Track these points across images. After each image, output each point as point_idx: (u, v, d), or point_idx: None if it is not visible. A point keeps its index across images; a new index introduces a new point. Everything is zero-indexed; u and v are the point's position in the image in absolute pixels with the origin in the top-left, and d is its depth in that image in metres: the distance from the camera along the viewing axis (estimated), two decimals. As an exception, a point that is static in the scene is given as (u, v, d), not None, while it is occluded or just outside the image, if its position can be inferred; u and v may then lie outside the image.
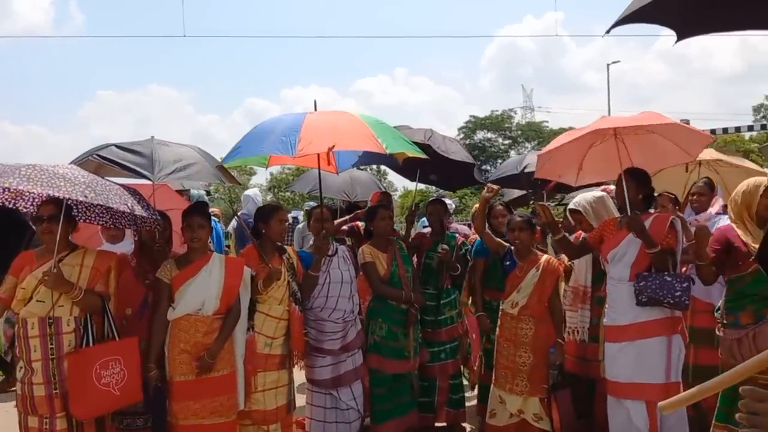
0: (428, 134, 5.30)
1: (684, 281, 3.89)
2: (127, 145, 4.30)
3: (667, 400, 1.47)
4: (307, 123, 3.92)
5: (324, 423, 4.39)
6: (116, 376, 3.37)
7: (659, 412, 3.93)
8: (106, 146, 4.26)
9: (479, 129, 42.38)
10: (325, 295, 4.36)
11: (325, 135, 3.85)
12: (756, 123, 22.27)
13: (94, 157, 4.08)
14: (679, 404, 1.45)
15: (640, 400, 3.97)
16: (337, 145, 3.82)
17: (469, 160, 5.60)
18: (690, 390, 1.44)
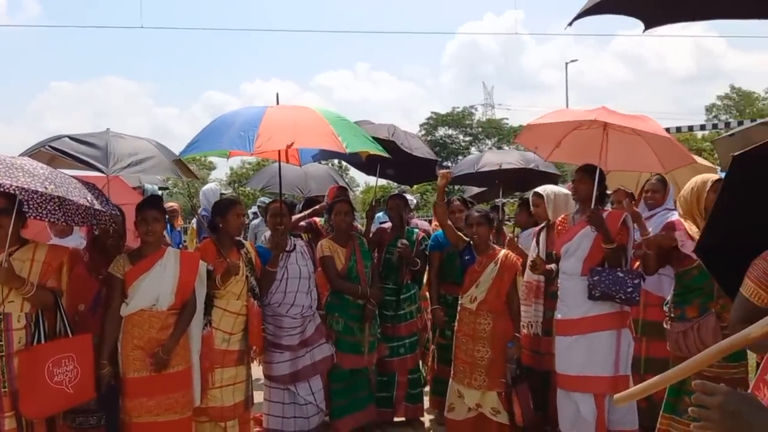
0: (391, 130, 5.30)
1: (636, 277, 3.98)
2: (82, 136, 4.17)
3: (621, 394, 1.51)
4: (267, 118, 3.86)
5: (282, 419, 4.36)
6: (69, 374, 3.28)
7: (608, 404, 4.06)
8: (59, 137, 4.14)
9: (440, 125, 42.62)
10: (283, 291, 4.33)
11: (284, 131, 3.80)
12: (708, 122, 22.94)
13: (46, 148, 3.94)
14: (631, 397, 1.49)
15: (588, 393, 4.07)
16: (296, 142, 3.79)
17: (432, 156, 5.63)
18: (642, 384, 1.47)
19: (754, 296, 2.00)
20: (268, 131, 3.75)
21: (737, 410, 1.21)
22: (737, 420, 1.21)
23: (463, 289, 4.57)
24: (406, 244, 4.86)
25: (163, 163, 4.10)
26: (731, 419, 1.21)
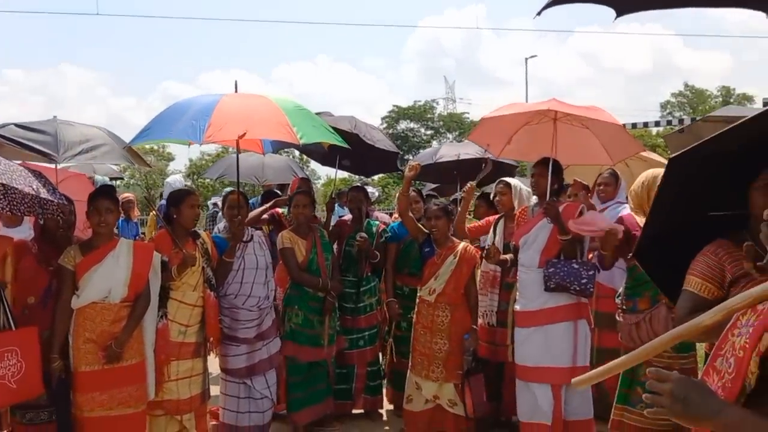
0: (353, 122, 5.28)
1: (590, 269, 4.06)
2: (30, 124, 4.05)
3: (579, 377, 1.56)
4: (220, 107, 3.77)
5: (237, 413, 4.31)
6: (12, 368, 3.16)
7: (564, 393, 4.14)
8: (4, 125, 4.01)
9: (402, 119, 42.70)
10: (239, 282, 4.28)
11: (236, 121, 3.72)
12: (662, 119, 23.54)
13: None
14: (590, 380, 1.55)
15: (546, 384, 4.14)
16: (248, 133, 3.71)
17: (394, 149, 5.64)
18: (600, 368, 1.52)
19: (703, 290, 2.09)
20: (220, 121, 3.67)
21: (687, 396, 1.27)
22: (686, 405, 1.26)
23: (422, 281, 4.58)
24: (365, 238, 4.85)
25: (115, 150, 4.00)
26: (681, 404, 1.27)
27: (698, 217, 2.20)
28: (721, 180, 2.13)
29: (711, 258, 2.11)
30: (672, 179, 2.21)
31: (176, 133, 3.78)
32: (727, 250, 2.10)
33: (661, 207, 2.28)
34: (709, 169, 2.14)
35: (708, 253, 2.12)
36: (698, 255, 2.13)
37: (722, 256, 2.09)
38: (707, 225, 2.17)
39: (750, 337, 1.28)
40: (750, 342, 1.28)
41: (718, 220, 2.16)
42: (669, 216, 2.26)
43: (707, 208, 2.19)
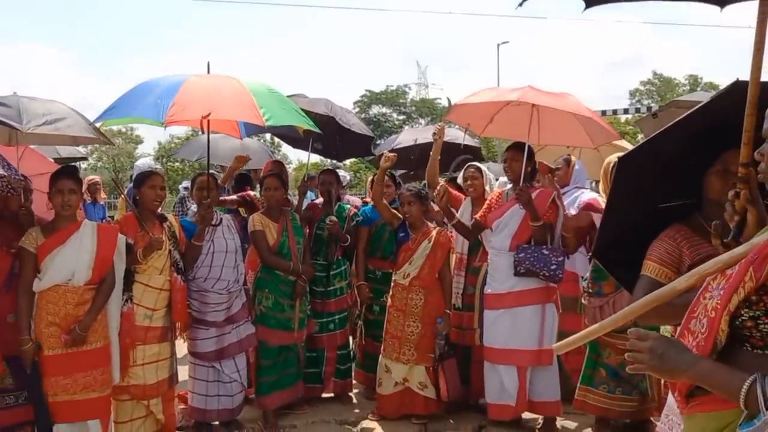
0: (329, 105, 5.22)
1: (560, 255, 4.12)
2: None
3: (560, 343, 1.64)
4: (186, 86, 3.69)
5: (206, 397, 4.28)
6: None
7: (530, 374, 4.20)
8: None
9: (374, 104, 42.56)
10: (208, 265, 4.22)
11: (201, 102, 3.64)
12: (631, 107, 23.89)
13: None
14: (569, 345, 1.63)
15: (512, 366, 4.19)
16: (213, 114, 3.65)
17: (369, 133, 5.62)
18: (580, 332, 1.62)
19: (660, 275, 2.13)
20: (184, 100, 3.60)
21: (664, 351, 1.39)
22: (664, 359, 1.39)
23: (397, 265, 4.60)
24: (335, 221, 4.83)
25: (79, 123, 3.87)
26: (659, 358, 1.39)
27: (651, 210, 2.23)
28: (668, 173, 2.17)
29: (669, 243, 2.14)
30: (623, 179, 2.26)
31: (140, 111, 3.70)
32: (685, 235, 2.13)
33: (615, 206, 2.33)
34: (658, 164, 2.19)
35: (665, 239, 2.15)
36: (655, 241, 2.17)
37: (680, 241, 2.12)
38: (660, 218, 2.21)
39: (721, 299, 1.38)
40: (721, 303, 1.38)
41: (669, 212, 2.20)
42: (624, 214, 2.30)
43: (658, 201, 2.23)
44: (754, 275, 1.31)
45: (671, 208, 2.19)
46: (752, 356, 1.37)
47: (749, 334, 1.37)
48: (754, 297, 1.33)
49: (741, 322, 1.37)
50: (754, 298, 1.33)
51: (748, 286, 1.32)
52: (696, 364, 1.36)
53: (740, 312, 1.36)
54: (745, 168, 1.73)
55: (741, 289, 1.34)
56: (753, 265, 1.32)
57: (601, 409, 4.12)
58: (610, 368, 4.05)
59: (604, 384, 4.07)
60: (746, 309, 1.35)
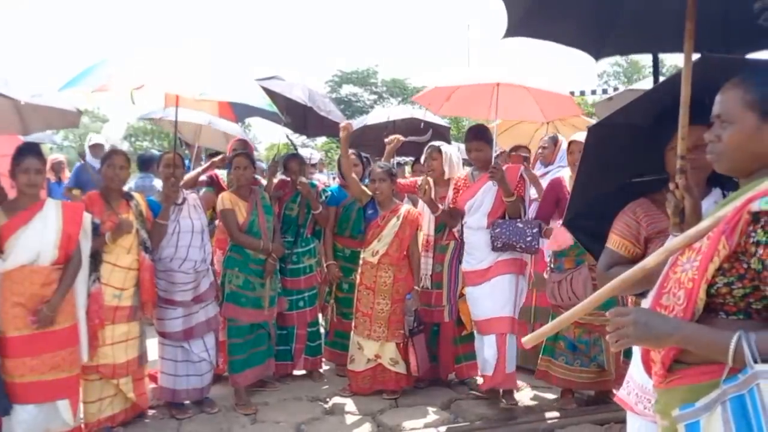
0: (306, 92, 5.14)
1: (534, 227, 4.20)
2: None
3: (529, 336, 1.69)
4: (128, 59, 3.73)
5: (175, 377, 4.28)
6: None
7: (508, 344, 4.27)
8: None
9: (345, 83, 42.22)
10: (174, 245, 4.20)
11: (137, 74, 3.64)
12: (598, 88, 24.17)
13: None
14: (540, 337, 1.70)
15: (492, 335, 4.27)
16: (144, 87, 3.62)
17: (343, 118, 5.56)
18: (549, 324, 1.69)
19: (620, 248, 2.22)
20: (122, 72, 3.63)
21: (648, 321, 1.46)
22: (649, 327, 1.45)
23: (365, 243, 4.63)
24: (305, 182, 4.83)
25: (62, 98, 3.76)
26: (644, 327, 1.45)
27: (625, 184, 2.30)
28: (640, 147, 2.23)
29: (629, 217, 2.23)
30: (593, 150, 2.32)
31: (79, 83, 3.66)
32: (645, 209, 2.21)
33: (586, 175, 2.39)
34: (630, 137, 2.25)
35: (627, 212, 2.24)
36: (619, 214, 2.25)
37: (640, 214, 2.21)
38: (633, 190, 2.27)
39: (698, 269, 1.44)
40: (698, 273, 1.44)
41: (644, 184, 2.26)
42: (595, 184, 2.36)
43: (632, 175, 2.28)
44: (727, 243, 1.38)
45: (649, 182, 2.25)
46: (727, 323, 1.43)
47: (723, 301, 1.43)
48: (727, 265, 1.40)
49: (716, 290, 1.42)
50: (726, 266, 1.40)
51: (722, 254, 1.39)
52: (681, 328, 1.42)
53: (715, 280, 1.42)
54: (682, 160, 1.88)
55: (716, 258, 1.40)
56: (725, 234, 1.38)
57: (563, 381, 4.25)
58: (568, 341, 4.17)
59: (563, 356, 4.20)
60: (721, 276, 1.41)
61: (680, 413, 1.42)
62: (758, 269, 1.34)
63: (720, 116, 1.54)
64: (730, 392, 1.32)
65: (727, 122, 1.52)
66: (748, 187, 1.45)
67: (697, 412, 1.38)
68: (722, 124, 1.53)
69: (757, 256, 1.34)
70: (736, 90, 1.52)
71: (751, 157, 1.49)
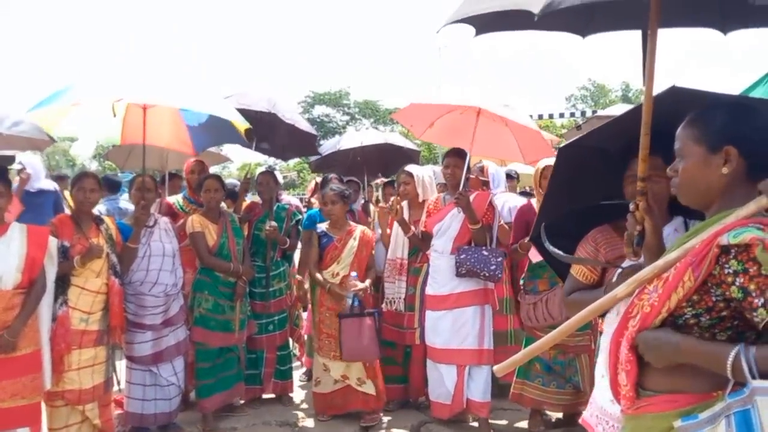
0: (272, 102, 5.10)
1: (498, 256, 4.25)
2: None
3: (502, 364, 1.72)
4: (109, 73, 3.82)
5: (143, 401, 4.22)
6: None
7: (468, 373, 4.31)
8: None
9: (318, 104, 42.35)
10: (145, 269, 4.17)
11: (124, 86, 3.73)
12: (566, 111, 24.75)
13: None
14: (513, 365, 1.72)
15: (452, 365, 4.31)
16: (124, 99, 3.72)
17: (312, 131, 5.57)
18: (523, 350, 1.74)
19: (579, 274, 2.30)
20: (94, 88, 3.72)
21: (657, 343, 1.49)
22: (659, 348, 1.48)
23: (323, 265, 4.62)
24: (274, 227, 4.84)
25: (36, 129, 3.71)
26: (655, 351, 1.49)
27: (593, 204, 2.34)
28: (612, 171, 2.28)
29: (590, 244, 2.30)
30: (562, 169, 2.37)
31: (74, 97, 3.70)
32: (606, 235, 2.28)
33: (554, 195, 2.44)
34: (599, 161, 2.31)
35: (589, 239, 2.31)
36: (582, 240, 2.31)
37: (599, 241, 2.28)
38: (602, 212, 2.32)
39: (659, 297, 1.49)
40: (659, 300, 1.48)
41: (612, 208, 2.30)
42: (564, 202, 2.41)
43: (601, 197, 2.33)
44: (693, 275, 1.42)
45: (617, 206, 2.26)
46: None
47: (689, 332, 1.46)
48: (696, 297, 1.43)
49: (684, 320, 1.46)
50: (695, 298, 1.43)
51: (687, 285, 1.42)
52: (682, 342, 1.44)
53: (684, 311, 1.45)
54: (642, 182, 1.92)
55: (680, 288, 1.43)
56: (692, 266, 1.42)
57: (537, 402, 4.28)
58: (544, 362, 4.20)
59: (540, 377, 4.23)
60: (689, 308, 1.44)
61: (682, 425, 1.43)
62: (740, 297, 1.37)
63: (677, 151, 1.62)
64: (734, 406, 1.33)
65: (681, 156, 1.60)
66: (713, 220, 1.50)
67: (701, 424, 1.39)
68: (678, 158, 1.61)
69: (737, 285, 1.36)
70: (688, 125, 1.60)
71: (706, 189, 1.56)
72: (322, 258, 4.63)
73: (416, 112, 4.94)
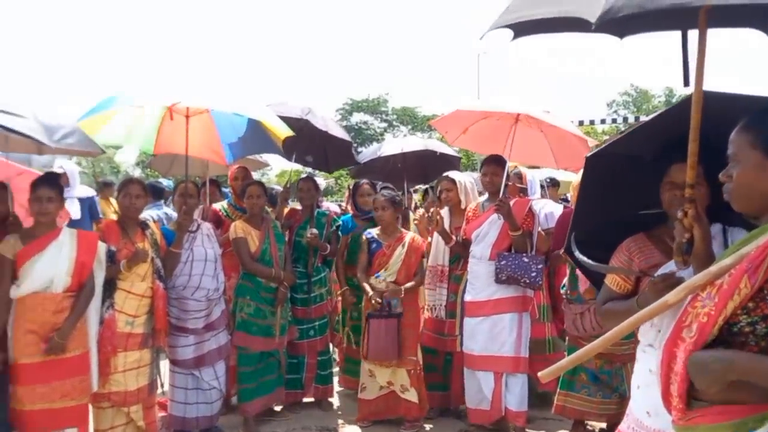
0: (306, 110, 5.16)
1: (539, 263, 4.20)
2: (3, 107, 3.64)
3: (547, 370, 1.70)
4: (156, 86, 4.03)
5: (185, 405, 4.28)
6: None
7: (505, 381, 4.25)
8: None
9: (356, 111, 42.57)
10: (188, 273, 4.23)
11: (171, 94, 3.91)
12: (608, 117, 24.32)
13: None
14: (558, 372, 1.70)
15: (489, 371, 4.26)
16: (182, 101, 3.88)
17: (347, 137, 5.58)
18: (567, 358, 1.71)
19: (613, 283, 2.25)
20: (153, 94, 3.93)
21: (704, 366, 1.44)
22: (710, 370, 1.43)
23: (371, 271, 4.62)
24: (315, 234, 4.86)
25: (87, 139, 3.78)
26: (708, 374, 1.44)
27: (627, 214, 2.29)
28: (645, 178, 2.21)
29: (623, 253, 2.25)
30: (591, 178, 2.33)
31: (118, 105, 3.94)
32: (639, 244, 2.22)
33: (585, 204, 2.40)
34: (630, 169, 2.25)
35: (623, 248, 2.26)
36: (616, 250, 2.27)
37: (633, 250, 2.22)
38: (636, 221, 2.27)
39: (716, 305, 1.44)
40: (716, 308, 1.44)
41: (647, 217, 2.26)
42: (596, 212, 2.36)
43: (635, 206, 2.27)
44: (749, 282, 1.39)
45: (651, 214, 2.24)
46: None
47: (745, 340, 1.43)
48: (751, 304, 1.40)
49: (739, 329, 1.43)
50: (751, 305, 1.40)
51: (744, 292, 1.39)
52: (736, 358, 1.42)
53: (739, 319, 1.42)
54: (691, 189, 1.86)
55: (736, 296, 1.40)
56: (747, 273, 1.39)
57: (582, 413, 4.19)
58: (590, 372, 4.12)
59: (585, 388, 4.14)
60: (745, 315, 1.42)
61: None
62: None
63: (731, 156, 1.57)
64: None
65: (736, 161, 1.56)
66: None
67: None
68: (732, 163, 1.57)
69: None
70: (743, 130, 1.56)
71: (760, 195, 1.51)
72: (370, 264, 4.63)
73: (456, 118, 4.88)
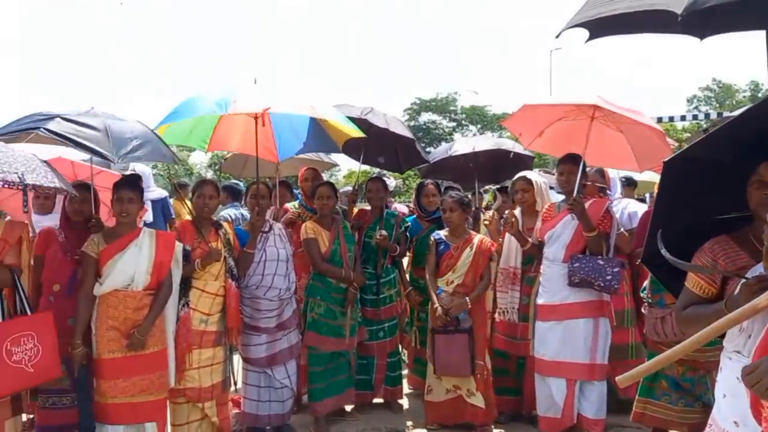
0: (366, 110, 5.14)
1: (615, 266, 4.03)
2: (76, 117, 3.65)
3: (624, 375, 1.66)
4: (245, 90, 4.03)
5: (258, 402, 4.35)
6: (29, 352, 3.20)
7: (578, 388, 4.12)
8: (50, 117, 3.57)
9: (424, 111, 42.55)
10: (260, 273, 4.30)
11: (260, 98, 3.94)
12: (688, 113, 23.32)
13: (42, 131, 3.54)
14: (636, 377, 1.67)
15: (561, 378, 4.13)
16: (273, 107, 3.87)
17: (410, 134, 5.51)
18: (646, 363, 1.67)
19: (695, 287, 2.14)
20: (245, 99, 3.89)
21: None
22: None
23: (438, 273, 4.57)
24: (384, 236, 4.85)
25: (159, 148, 3.90)
26: None
27: (708, 219, 2.19)
28: (724, 181, 2.13)
29: (707, 255, 2.14)
30: (669, 184, 2.23)
31: (201, 110, 3.97)
32: (724, 246, 2.12)
33: (662, 212, 2.29)
34: (709, 172, 2.13)
35: (706, 250, 2.16)
36: (697, 252, 2.17)
37: (717, 252, 2.12)
38: (714, 226, 2.17)
39: None
40: None
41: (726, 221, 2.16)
42: (674, 220, 2.25)
43: (714, 212, 2.18)
44: None
45: (731, 218, 2.15)
46: None
47: None
48: None
49: None
50: None
51: None
52: None
53: None
54: None
55: None
56: None
57: (662, 421, 3.99)
58: (672, 379, 3.92)
59: (667, 395, 3.94)
60: None
61: None
62: None
63: None
64: None
65: None
66: None
67: None
68: None
69: None
70: None
71: None
72: (438, 265, 4.58)
73: (527, 118, 4.74)
